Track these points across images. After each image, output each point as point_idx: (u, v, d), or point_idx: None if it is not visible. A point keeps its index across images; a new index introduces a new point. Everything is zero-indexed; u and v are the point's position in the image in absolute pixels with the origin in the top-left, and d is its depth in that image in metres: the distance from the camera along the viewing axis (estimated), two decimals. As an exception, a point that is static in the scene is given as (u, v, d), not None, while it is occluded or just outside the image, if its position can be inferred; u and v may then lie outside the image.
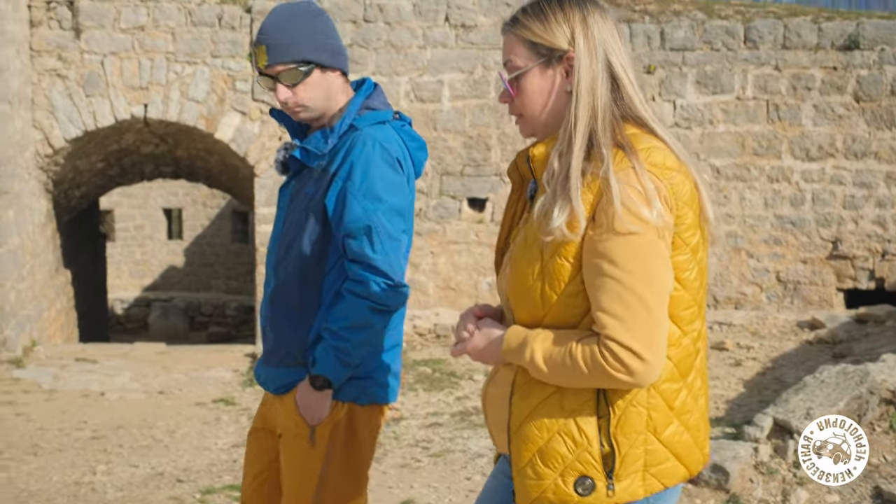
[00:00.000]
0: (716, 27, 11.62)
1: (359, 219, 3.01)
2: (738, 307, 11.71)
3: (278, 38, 3.02)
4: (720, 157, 11.70)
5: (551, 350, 2.19)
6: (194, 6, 11.76)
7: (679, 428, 2.25)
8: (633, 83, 2.27)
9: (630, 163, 2.14)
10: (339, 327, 3.01)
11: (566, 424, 2.21)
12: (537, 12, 2.32)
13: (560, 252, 2.18)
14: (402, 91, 11.94)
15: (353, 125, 3.09)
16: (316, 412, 3.08)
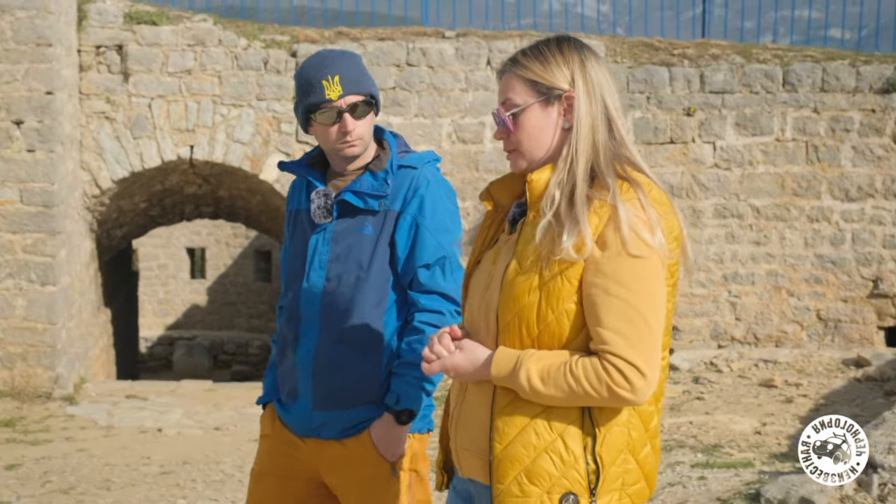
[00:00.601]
0: (755, 70, 11.81)
1: (434, 250, 3.12)
2: (779, 345, 11.82)
3: (350, 70, 3.12)
4: (760, 197, 11.85)
5: (548, 368, 2.28)
6: (240, 50, 11.97)
7: (650, 450, 2.38)
8: (624, 125, 2.46)
9: (636, 193, 2.30)
10: (420, 358, 2.96)
11: (554, 443, 2.30)
12: (537, 54, 2.47)
13: (562, 272, 2.30)
14: (445, 132, 12.12)
15: (406, 165, 3.20)
16: (397, 447, 3.13)
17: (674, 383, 10.20)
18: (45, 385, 10.33)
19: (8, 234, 10.27)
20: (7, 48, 10.13)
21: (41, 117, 10.22)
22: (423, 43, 12.12)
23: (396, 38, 12.25)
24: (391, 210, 3.15)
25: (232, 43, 11.95)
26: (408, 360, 3.10)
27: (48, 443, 8.83)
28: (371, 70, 11.95)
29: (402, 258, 3.15)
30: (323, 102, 3.10)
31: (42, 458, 8.24)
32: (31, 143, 10.23)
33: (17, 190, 10.24)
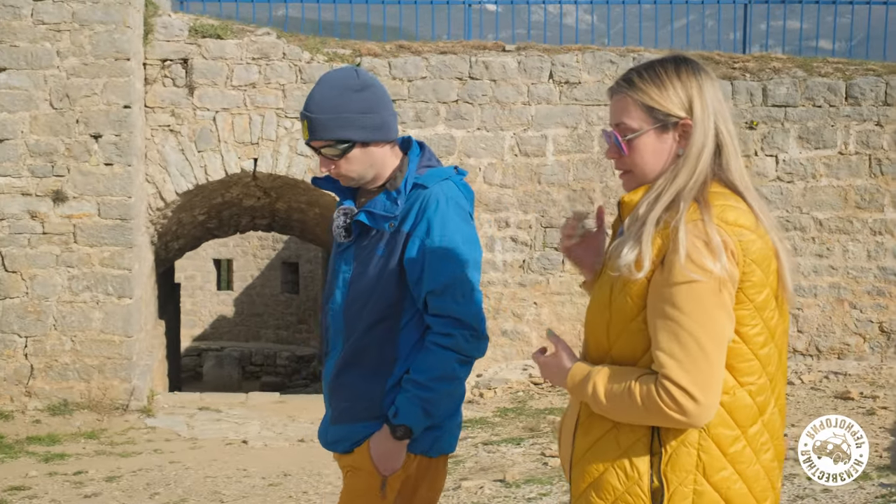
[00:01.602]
0: (817, 84, 11.90)
1: (441, 274, 3.07)
2: (841, 357, 11.88)
3: (320, 115, 3.08)
4: (823, 210, 11.92)
5: (612, 385, 2.31)
6: (304, 64, 12.04)
7: (733, 475, 2.31)
8: (736, 149, 2.41)
9: (700, 215, 2.26)
10: (427, 378, 3.05)
11: (620, 459, 2.33)
12: (654, 77, 2.41)
13: (626, 289, 2.31)
14: (507, 145, 12.19)
15: (419, 183, 3.15)
16: (391, 462, 3.11)
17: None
18: (121, 397, 10.37)
19: (85, 247, 10.32)
20: (86, 62, 10.20)
21: (119, 131, 10.29)
22: (486, 56, 12.19)
23: (457, 51, 12.32)
24: (401, 231, 3.12)
25: (296, 56, 12.02)
26: (413, 378, 3.08)
27: (137, 455, 8.87)
28: (434, 83, 12.04)
29: (413, 281, 3.12)
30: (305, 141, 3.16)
31: (138, 470, 8.28)
32: (109, 156, 10.30)
33: (94, 203, 10.30)
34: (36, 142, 10.21)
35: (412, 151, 3.26)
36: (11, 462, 8.66)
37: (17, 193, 10.19)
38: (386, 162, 3.19)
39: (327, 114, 3.07)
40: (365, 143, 3.11)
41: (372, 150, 3.13)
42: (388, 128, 3.17)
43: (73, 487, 7.76)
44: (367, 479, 3.13)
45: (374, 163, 3.15)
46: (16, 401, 10.27)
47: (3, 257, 10.22)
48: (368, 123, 3.11)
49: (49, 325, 10.32)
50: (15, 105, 10.16)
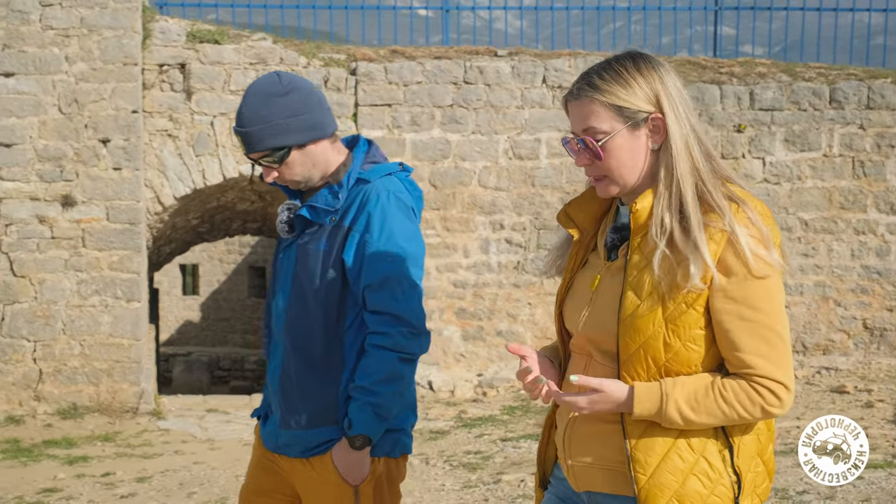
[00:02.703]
0: (802, 88, 12.27)
1: (381, 269, 3.05)
2: (826, 353, 12.25)
3: (251, 128, 3.08)
4: (808, 210, 12.29)
5: (694, 396, 2.31)
6: (301, 69, 12.16)
7: (772, 448, 2.46)
8: (708, 138, 2.43)
9: (746, 213, 2.29)
10: (371, 382, 3.02)
11: (698, 463, 2.34)
12: (616, 76, 2.39)
13: (688, 301, 2.31)
14: (501, 149, 12.41)
15: (362, 178, 3.16)
16: (358, 472, 3.09)
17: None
18: (130, 400, 10.44)
19: (94, 252, 10.38)
20: (94, 67, 10.26)
21: (127, 136, 10.37)
22: (480, 61, 12.41)
23: (451, 56, 12.53)
24: (342, 225, 3.12)
25: (293, 61, 12.15)
26: (361, 384, 3.05)
27: (159, 456, 8.96)
28: (429, 88, 12.23)
29: (352, 277, 3.10)
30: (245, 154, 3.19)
31: (165, 470, 8.38)
32: (118, 161, 10.37)
33: (103, 207, 10.36)
34: (44, 147, 10.25)
35: (358, 148, 3.26)
36: (34, 465, 8.71)
37: (26, 198, 10.23)
38: (329, 159, 3.19)
39: (258, 125, 3.07)
40: (301, 145, 3.11)
41: (310, 149, 3.13)
42: (322, 125, 3.17)
43: (106, 489, 7.84)
44: (336, 492, 3.12)
45: (315, 162, 3.15)
46: (25, 405, 10.29)
47: (11, 262, 10.25)
48: (300, 125, 3.10)
49: (58, 330, 10.36)
50: (24, 110, 10.19)
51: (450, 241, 12.41)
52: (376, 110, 12.24)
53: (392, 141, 12.19)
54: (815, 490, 6.27)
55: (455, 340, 12.44)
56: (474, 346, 12.56)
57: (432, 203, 12.25)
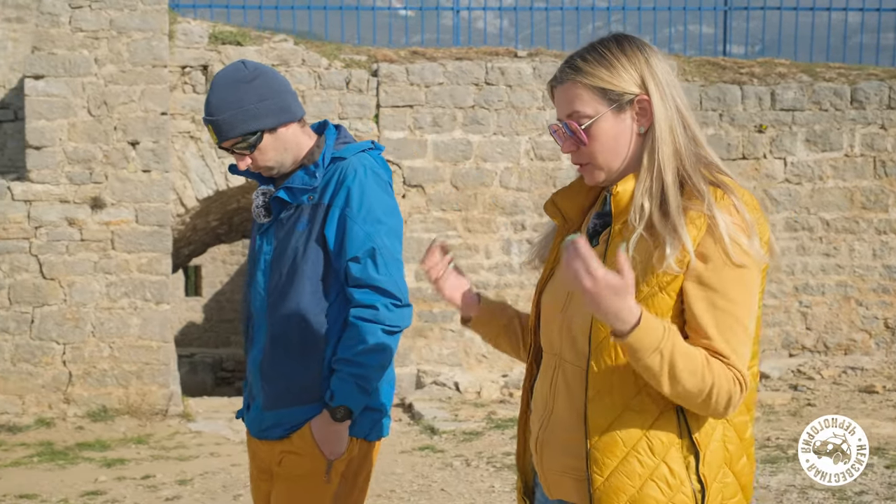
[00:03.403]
0: (824, 88, 12.32)
1: (362, 242, 3.08)
2: (848, 353, 12.30)
3: (221, 116, 3.11)
4: (829, 210, 12.35)
5: (686, 349, 2.16)
6: (323, 70, 12.17)
7: (746, 461, 2.30)
8: (696, 122, 2.34)
9: (730, 199, 2.20)
10: (353, 354, 3.05)
11: (658, 469, 2.22)
12: (599, 58, 2.32)
13: (662, 286, 2.21)
14: (523, 149, 12.43)
15: (337, 156, 3.19)
16: (336, 445, 3.10)
17: (773, 391, 10.61)
18: (160, 402, 10.43)
19: (123, 254, 10.36)
20: (123, 69, 10.25)
21: (156, 138, 10.36)
22: (501, 62, 12.43)
23: (472, 57, 12.55)
24: (321, 203, 3.15)
25: (315, 63, 12.15)
26: (344, 356, 3.07)
27: (195, 458, 8.95)
28: (451, 89, 12.25)
29: (334, 253, 3.13)
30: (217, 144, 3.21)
31: (205, 472, 8.37)
32: (147, 163, 10.36)
33: (132, 210, 10.35)
34: (74, 149, 10.23)
35: (328, 131, 3.29)
36: (73, 468, 8.69)
37: (56, 201, 10.21)
38: (300, 142, 3.22)
39: (228, 111, 3.11)
40: (272, 128, 3.14)
41: (281, 133, 3.17)
42: (291, 109, 3.20)
43: (149, 491, 7.83)
44: (309, 464, 3.12)
45: (287, 146, 3.18)
46: (55, 408, 10.28)
47: (41, 265, 10.23)
48: (270, 109, 3.14)
49: (87, 332, 10.34)
50: (53, 112, 10.18)
51: (471, 241, 12.42)
52: (398, 111, 12.24)
53: (414, 142, 12.20)
54: (872, 491, 6.31)
55: (477, 341, 12.44)
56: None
57: (454, 204, 12.26)
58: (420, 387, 11.77)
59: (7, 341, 10.17)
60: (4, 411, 10.18)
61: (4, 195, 10.13)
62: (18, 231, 10.15)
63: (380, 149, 3.31)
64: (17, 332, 10.19)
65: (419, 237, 12.23)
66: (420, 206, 12.25)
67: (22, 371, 10.20)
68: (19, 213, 10.15)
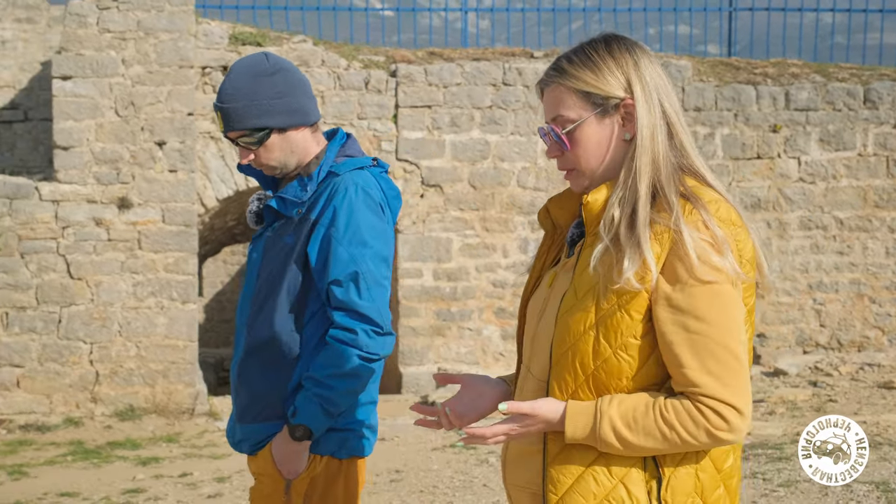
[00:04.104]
0: (837, 89, 12.47)
1: (345, 265, 2.96)
2: (861, 350, 12.45)
3: (233, 104, 3.01)
4: (843, 209, 12.49)
5: (633, 414, 2.08)
6: (342, 71, 12.25)
7: (724, 492, 2.17)
8: (685, 129, 2.23)
9: (699, 214, 2.08)
10: (325, 375, 2.94)
11: (615, 490, 2.11)
12: (585, 61, 2.24)
13: (621, 304, 2.10)
14: (540, 149, 12.52)
15: (333, 171, 3.07)
16: (293, 464, 3.00)
17: (793, 387, 10.74)
18: (186, 401, 10.50)
19: (150, 254, 10.43)
20: (150, 70, 10.32)
21: (183, 138, 10.43)
22: (518, 63, 12.53)
23: (489, 58, 12.65)
24: (308, 218, 3.04)
25: (334, 63, 12.23)
26: (314, 375, 2.97)
27: (228, 456, 9.01)
28: (469, 89, 12.34)
29: (316, 272, 3.02)
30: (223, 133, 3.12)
31: (241, 470, 8.43)
32: (174, 163, 10.43)
33: (159, 209, 10.42)
34: (101, 149, 10.30)
35: (334, 140, 3.17)
36: (108, 466, 8.77)
37: (83, 201, 10.26)
38: (307, 148, 3.11)
39: (241, 102, 3.00)
40: (282, 128, 3.04)
41: (290, 135, 3.06)
42: (306, 111, 3.09)
43: (189, 489, 7.90)
44: (270, 484, 3.04)
45: (294, 149, 3.08)
46: (82, 407, 10.33)
47: (68, 264, 10.29)
48: (284, 108, 3.03)
49: (114, 332, 10.40)
50: (81, 113, 10.24)
51: (489, 241, 12.52)
52: (416, 112, 12.33)
53: (432, 142, 12.30)
54: (917, 483, 6.44)
55: (494, 340, 12.55)
56: (513, 346, 12.67)
57: (471, 203, 12.36)
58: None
59: (34, 341, 10.23)
60: (32, 411, 10.24)
61: (32, 195, 10.19)
62: (46, 231, 10.21)
63: (383, 167, 3.19)
64: (45, 331, 10.24)
65: (437, 236, 12.34)
66: (438, 206, 12.34)
67: (49, 371, 10.26)
68: (47, 213, 10.20)
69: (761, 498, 6.38)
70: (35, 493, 7.90)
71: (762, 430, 8.64)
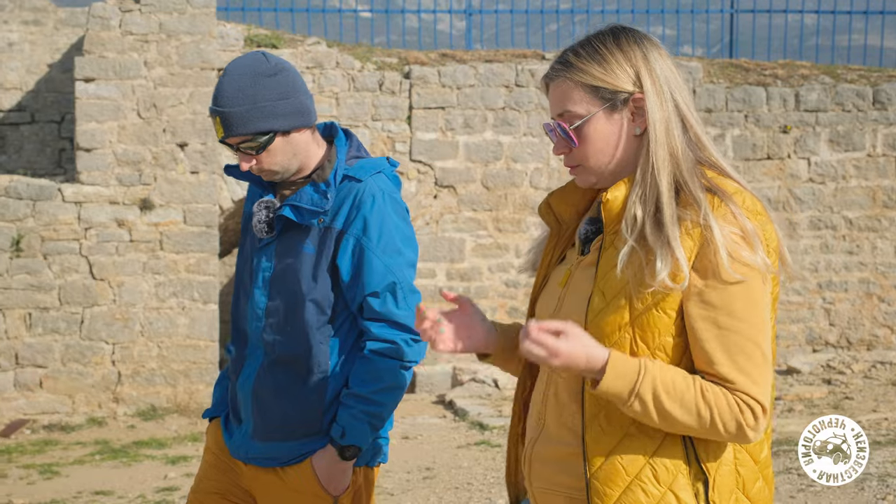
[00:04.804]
0: (846, 90, 12.62)
1: (382, 276, 2.90)
2: (870, 348, 12.61)
3: (233, 108, 2.86)
4: (852, 209, 12.64)
5: (673, 381, 2.04)
6: (356, 72, 12.34)
7: (762, 483, 2.15)
8: (699, 122, 2.18)
9: (727, 207, 2.04)
10: (371, 391, 2.88)
11: (664, 498, 2.07)
12: (593, 54, 2.17)
13: (657, 304, 2.06)
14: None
15: (350, 176, 2.96)
16: (342, 482, 2.94)
17: (807, 385, 10.88)
18: (207, 401, 10.54)
19: (172, 254, 10.50)
20: (173, 72, 10.39)
21: (204, 139, 10.50)
22: (530, 65, 12.64)
23: (501, 59, 12.75)
24: (332, 228, 2.93)
25: (349, 65, 12.32)
26: (356, 392, 2.90)
27: (255, 455, 9.08)
28: (482, 90, 12.45)
29: (346, 283, 2.93)
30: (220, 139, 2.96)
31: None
32: (195, 164, 10.50)
33: (180, 211, 10.49)
34: (123, 151, 10.36)
35: (338, 140, 3.05)
36: (138, 465, 8.83)
37: (105, 202, 10.32)
38: (310, 150, 2.99)
39: (242, 105, 2.85)
40: (286, 131, 2.90)
41: (294, 137, 2.92)
42: (308, 112, 2.97)
43: (222, 487, 7.97)
44: (314, 501, 2.96)
45: (297, 152, 2.95)
46: (104, 407, 10.40)
47: (91, 265, 10.35)
48: (287, 110, 2.90)
49: (136, 332, 10.47)
50: (103, 115, 10.30)
51: (501, 241, 12.62)
52: (430, 113, 12.43)
53: (445, 143, 12.39)
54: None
55: (508, 339, 12.64)
56: (525, 345, 12.78)
57: (484, 204, 12.46)
58: (458, 384, 11.96)
59: (57, 341, 10.28)
60: (55, 411, 10.29)
61: (55, 197, 10.25)
62: (69, 232, 10.27)
63: (394, 165, 3.10)
64: (68, 332, 10.30)
65: (451, 237, 12.44)
66: (451, 207, 12.44)
67: (72, 371, 10.31)
68: (69, 214, 10.26)
69: (798, 493, 6.50)
70: (69, 492, 7.96)
71: (784, 427, 8.76)
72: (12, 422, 10.14)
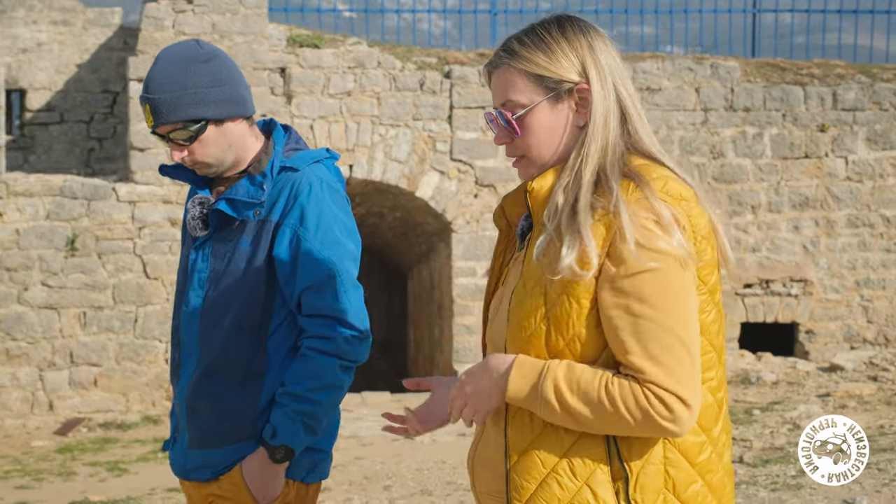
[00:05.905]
0: (883, 89, 12.72)
1: (320, 268, 2.76)
2: (908, 345, 12.72)
3: (163, 95, 2.73)
4: (890, 207, 12.75)
5: (579, 378, 1.98)
6: (398, 72, 12.41)
7: (703, 488, 2.05)
8: (640, 112, 2.12)
9: (641, 192, 1.98)
10: (307, 389, 2.72)
11: (580, 493, 2.00)
12: (538, 41, 2.11)
13: (568, 292, 2.00)
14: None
15: (287, 167, 2.83)
16: (271, 489, 2.78)
17: (854, 381, 10.97)
18: (260, 399, 10.63)
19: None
20: (225, 72, 10.44)
21: (256, 139, 10.55)
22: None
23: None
24: (269, 220, 2.79)
25: (390, 65, 12.39)
26: (290, 390, 2.74)
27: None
28: (521, 91, 12.51)
29: (284, 277, 2.78)
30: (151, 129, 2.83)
31: (336, 465, 8.59)
32: (247, 164, 10.55)
33: (233, 210, 10.54)
34: (177, 150, 10.41)
35: (276, 133, 2.92)
36: (202, 463, 8.88)
37: (159, 202, 10.39)
38: (246, 143, 2.85)
39: (172, 92, 2.72)
40: (219, 120, 2.77)
41: (228, 127, 2.79)
42: (244, 101, 2.84)
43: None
44: None
45: (232, 143, 2.81)
46: (158, 405, 10.46)
47: (144, 264, 10.41)
48: (220, 97, 2.77)
49: (189, 331, 10.51)
50: (157, 115, 10.35)
51: (541, 240, 12.69)
52: (470, 112, 12.50)
53: (486, 143, 12.45)
54: None
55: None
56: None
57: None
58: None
59: (111, 340, 10.34)
60: (109, 409, 10.36)
61: (109, 196, 10.31)
62: (123, 232, 10.33)
63: (335, 157, 2.97)
64: (122, 331, 10.36)
65: (491, 235, 12.49)
66: (491, 206, 12.49)
67: (126, 370, 10.38)
68: (123, 214, 10.32)
69: (883, 487, 6.59)
70: (142, 489, 8.03)
71: (844, 422, 8.84)
72: (69, 420, 10.20)
